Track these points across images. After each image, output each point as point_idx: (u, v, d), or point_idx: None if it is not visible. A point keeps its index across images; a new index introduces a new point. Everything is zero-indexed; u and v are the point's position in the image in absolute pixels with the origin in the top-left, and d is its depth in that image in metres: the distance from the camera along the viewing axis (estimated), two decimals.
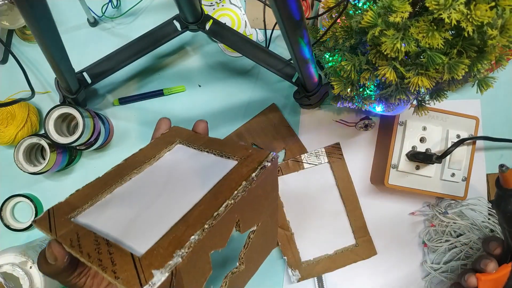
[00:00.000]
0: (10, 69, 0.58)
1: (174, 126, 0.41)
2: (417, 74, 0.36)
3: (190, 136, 0.38)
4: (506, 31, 0.32)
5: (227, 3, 0.59)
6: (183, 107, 0.59)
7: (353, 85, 0.43)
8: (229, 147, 0.35)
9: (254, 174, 0.30)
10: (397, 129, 0.55)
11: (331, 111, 0.60)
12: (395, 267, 0.60)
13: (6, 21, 0.54)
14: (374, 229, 0.59)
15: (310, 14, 0.59)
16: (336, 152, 0.59)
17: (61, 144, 0.49)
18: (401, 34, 0.33)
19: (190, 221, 0.26)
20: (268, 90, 0.60)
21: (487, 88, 0.37)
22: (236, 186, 0.29)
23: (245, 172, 0.30)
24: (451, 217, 0.57)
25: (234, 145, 0.35)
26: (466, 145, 0.55)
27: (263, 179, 0.31)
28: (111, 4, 0.57)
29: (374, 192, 0.60)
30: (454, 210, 0.57)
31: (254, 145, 0.58)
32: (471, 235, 0.57)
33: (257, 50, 0.52)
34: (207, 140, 0.37)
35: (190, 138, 0.38)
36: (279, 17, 0.33)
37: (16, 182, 0.58)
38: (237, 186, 0.29)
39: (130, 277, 0.22)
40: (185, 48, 0.60)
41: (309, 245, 0.58)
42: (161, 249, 0.24)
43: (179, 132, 0.40)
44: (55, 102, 0.58)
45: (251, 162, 0.31)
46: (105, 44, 0.56)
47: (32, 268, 0.46)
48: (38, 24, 0.34)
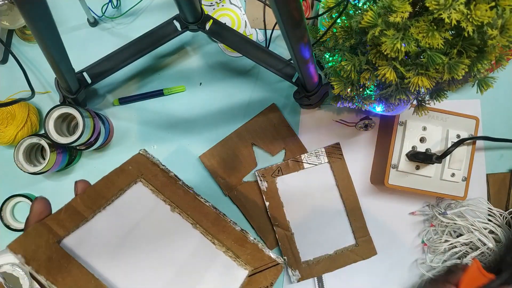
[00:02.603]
0: (10, 69, 0.58)
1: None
2: (417, 74, 0.36)
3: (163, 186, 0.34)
4: (506, 31, 0.32)
5: (227, 3, 0.59)
6: (183, 107, 0.59)
7: (353, 85, 0.43)
8: (224, 232, 0.31)
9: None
10: (397, 129, 0.55)
11: (331, 111, 0.60)
12: (395, 267, 0.60)
13: (6, 21, 0.54)
14: (374, 229, 0.59)
15: (310, 14, 0.59)
16: (336, 152, 0.59)
17: (61, 144, 0.49)
18: (401, 34, 0.33)
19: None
20: (268, 90, 0.60)
21: (487, 88, 0.37)
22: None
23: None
24: (450, 217, 0.57)
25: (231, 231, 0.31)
26: (466, 145, 0.55)
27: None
28: (111, 4, 0.57)
29: (374, 192, 0.60)
30: (454, 210, 0.57)
31: (254, 145, 0.59)
32: (470, 235, 0.57)
33: (257, 50, 0.52)
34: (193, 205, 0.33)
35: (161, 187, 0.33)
36: (279, 17, 0.33)
37: (16, 182, 0.58)
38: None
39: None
40: (185, 48, 0.60)
41: (309, 245, 0.58)
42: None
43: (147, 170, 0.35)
44: (55, 102, 0.58)
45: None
46: (105, 44, 0.56)
47: None
48: (38, 24, 0.34)
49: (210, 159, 0.58)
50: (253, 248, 0.31)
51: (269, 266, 0.30)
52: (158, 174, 0.35)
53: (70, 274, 0.25)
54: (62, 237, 0.27)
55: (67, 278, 0.24)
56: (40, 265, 0.24)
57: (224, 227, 0.32)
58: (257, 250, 0.31)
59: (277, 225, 0.57)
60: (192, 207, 0.33)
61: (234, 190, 0.58)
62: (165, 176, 0.35)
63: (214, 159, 0.58)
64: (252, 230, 0.59)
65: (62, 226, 0.27)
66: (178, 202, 0.32)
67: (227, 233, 0.31)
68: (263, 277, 0.29)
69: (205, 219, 0.32)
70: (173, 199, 0.33)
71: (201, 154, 0.58)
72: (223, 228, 0.32)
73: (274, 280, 0.28)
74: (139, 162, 0.35)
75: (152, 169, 0.35)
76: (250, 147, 0.59)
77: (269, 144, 0.59)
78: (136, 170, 0.34)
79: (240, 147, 0.58)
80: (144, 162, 0.36)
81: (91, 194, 0.30)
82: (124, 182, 0.32)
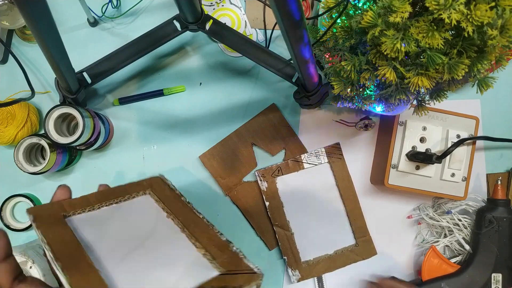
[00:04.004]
0: (10, 69, 0.58)
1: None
2: (417, 74, 0.36)
3: (166, 197, 0.39)
4: (506, 31, 0.32)
5: (227, 3, 0.59)
6: (183, 107, 0.59)
7: (353, 85, 0.43)
8: (198, 230, 0.34)
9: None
10: (397, 129, 0.55)
11: (331, 111, 0.60)
12: (395, 267, 0.60)
13: (6, 21, 0.54)
14: (374, 229, 0.59)
15: (310, 14, 0.59)
16: (336, 152, 0.59)
17: (61, 144, 0.49)
18: (401, 34, 0.33)
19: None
20: (268, 90, 0.60)
21: (487, 88, 0.37)
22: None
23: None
24: (435, 218, 0.58)
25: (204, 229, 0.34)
26: (466, 145, 0.55)
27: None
28: (111, 4, 0.57)
29: (374, 192, 0.60)
30: (455, 210, 0.57)
31: (254, 145, 0.59)
32: (456, 234, 0.57)
33: (257, 50, 0.52)
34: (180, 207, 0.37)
35: (164, 198, 0.38)
36: (279, 17, 0.33)
37: (16, 182, 0.58)
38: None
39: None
40: (185, 48, 0.60)
41: (309, 245, 0.58)
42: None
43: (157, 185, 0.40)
44: (55, 102, 0.58)
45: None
46: (105, 44, 0.56)
47: (32, 268, 0.46)
48: (38, 24, 0.34)
49: (210, 159, 0.58)
50: (233, 255, 0.33)
51: (244, 272, 0.31)
52: (165, 189, 0.40)
53: (61, 236, 0.29)
54: (69, 213, 0.32)
55: (57, 237, 0.28)
56: (42, 223, 0.29)
57: (209, 234, 0.35)
58: (236, 258, 0.32)
59: (277, 225, 0.57)
60: (185, 216, 0.37)
61: (234, 190, 0.58)
62: (171, 192, 0.40)
63: (214, 159, 0.58)
64: (252, 230, 0.59)
65: (72, 207, 0.32)
66: (175, 211, 0.37)
67: (211, 239, 0.34)
68: (233, 279, 0.29)
69: (193, 225, 0.35)
70: (171, 209, 0.37)
71: (201, 154, 0.58)
72: (208, 235, 0.35)
73: (245, 285, 0.28)
74: (153, 179, 0.41)
75: (161, 185, 0.41)
76: (250, 147, 0.59)
77: (269, 144, 0.59)
78: (148, 184, 0.40)
79: (240, 147, 0.58)
80: (157, 180, 0.41)
81: (106, 192, 0.36)
82: (134, 190, 0.38)
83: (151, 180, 0.41)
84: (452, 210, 0.57)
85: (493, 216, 0.54)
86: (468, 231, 0.57)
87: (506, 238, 0.54)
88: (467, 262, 0.55)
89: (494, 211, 0.54)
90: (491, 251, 0.54)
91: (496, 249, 0.54)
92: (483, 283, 0.54)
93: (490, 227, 0.54)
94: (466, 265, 0.55)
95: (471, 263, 0.54)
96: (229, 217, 0.59)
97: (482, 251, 0.54)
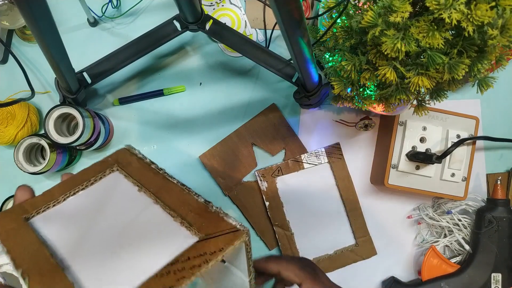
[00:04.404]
0: (10, 69, 0.58)
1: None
2: (417, 74, 0.36)
3: (138, 170, 0.36)
4: (507, 31, 0.32)
5: (227, 3, 0.59)
6: (183, 107, 0.59)
7: (353, 85, 0.43)
8: (174, 199, 0.32)
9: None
10: (397, 129, 0.55)
11: (331, 111, 0.60)
12: (395, 267, 0.60)
13: (6, 21, 0.54)
14: (374, 229, 0.59)
15: (310, 14, 0.59)
16: (336, 152, 0.59)
17: (61, 144, 0.49)
18: (402, 34, 0.33)
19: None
20: (268, 90, 0.60)
21: (487, 88, 0.37)
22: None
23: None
24: (435, 218, 0.58)
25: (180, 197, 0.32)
26: (466, 145, 0.55)
27: None
28: (111, 4, 0.57)
29: (374, 192, 0.60)
30: (455, 210, 0.57)
31: (254, 145, 0.59)
32: (455, 234, 0.57)
33: (257, 50, 0.52)
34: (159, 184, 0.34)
35: (136, 172, 0.35)
36: (279, 17, 0.33)
37: (16, 182, 0.58)
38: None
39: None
40: (185, 48, 0.60)
41: (309, 245, 0.58)
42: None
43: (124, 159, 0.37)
44: (55, 102, 0.58)
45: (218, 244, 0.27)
46: (105, 44, 0.56)
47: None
48: (38, 24, 0.34)
49: (210, 159, 0.58)
50: (212, 217, 0.30)
51: (224, 232, 0.28)
52: (133, 161, 0.37)
53: (22, 240, 0.27)
54: (31, 214, 0.30)
55: (18, 243, 0.27)
56: (1, 232, 0.28)
57: (185, 199, 0.32)
58: (216, 218, 0.30)
59: (277, 225, 0.57)
60: (158, 185, 0.34)
61: (234, 190, 0.58)
62: (139, 162, 0.37)
63: (214, 159, 0.58)
64: (252, 230, 0.59)
65: (34, 206, 0.30)
66: (146, 183, 0.34)
67: (187, 205, 0.31)
68: (212, 243, 0.27)
69: (167, 194, 0.33)
70: (142, 181, 0.34)
71: (201, 154, 0.58)
72: (183, 200, 0.32)
73: (227, 246, 0.26)
74: (119, 153, 0.38)
75: (128, 157, 0.37)
76: (250, 147, 0.59)
77: (269, 144, 0.59)
78: (113, 160, 0.36)
79: (240, 147, 0.58)
80: (123, 152, 0.38)
81: (69, 181, 0.33)
82: (99, 170, 0.35)
83: (117, 154, 0.37)
84: (452, 210, 0.57)
85: (493, 216, 0.54)
86: (468, 231, 0.57)
87: (505, 238, 0.54)
88: (467, 262, 0.55)
89: (493, 211, 0.55)
90: (491, 251, 0.54)
91: (495, 249, 0.54)
92: (483, 283, 0.54)
93: (489, 227, 0.54)
94: (466, 265, 0.55)
95: (471, 263, 0.55)
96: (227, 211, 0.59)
97: (481, 251, 0.54)
